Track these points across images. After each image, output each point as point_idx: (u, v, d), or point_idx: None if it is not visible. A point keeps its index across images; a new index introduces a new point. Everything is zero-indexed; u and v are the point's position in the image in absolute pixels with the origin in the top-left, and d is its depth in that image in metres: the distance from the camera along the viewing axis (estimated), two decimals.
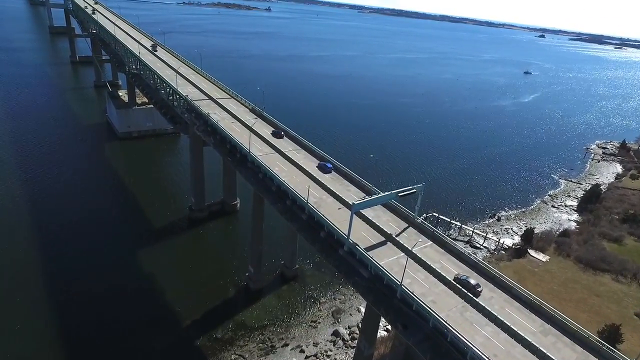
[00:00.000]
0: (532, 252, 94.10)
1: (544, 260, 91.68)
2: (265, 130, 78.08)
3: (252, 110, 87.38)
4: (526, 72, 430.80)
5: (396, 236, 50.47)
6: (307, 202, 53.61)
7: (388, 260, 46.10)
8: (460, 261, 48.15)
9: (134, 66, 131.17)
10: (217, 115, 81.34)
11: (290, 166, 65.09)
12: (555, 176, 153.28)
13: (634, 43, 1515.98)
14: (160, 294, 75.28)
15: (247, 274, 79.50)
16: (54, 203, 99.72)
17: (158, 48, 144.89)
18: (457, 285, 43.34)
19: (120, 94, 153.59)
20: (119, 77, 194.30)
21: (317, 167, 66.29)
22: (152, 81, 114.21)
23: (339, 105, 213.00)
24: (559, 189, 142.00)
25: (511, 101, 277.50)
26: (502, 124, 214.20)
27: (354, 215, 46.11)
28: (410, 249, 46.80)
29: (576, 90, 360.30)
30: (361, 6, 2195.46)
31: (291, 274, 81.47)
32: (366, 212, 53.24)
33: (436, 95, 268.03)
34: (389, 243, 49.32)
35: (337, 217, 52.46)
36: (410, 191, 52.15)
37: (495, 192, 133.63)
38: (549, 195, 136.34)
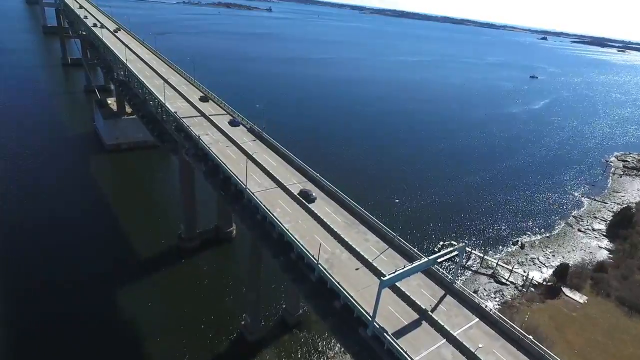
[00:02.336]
0: (566, 290, 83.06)
1: (581, 301, 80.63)
2: (266, 157, 66.83)
3: (251, 130, 76.09)
4: (532, 77, 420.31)
5: (432, 311, 39.30)
6: (318, 261, 42.45)
7: (426, 353, 34.95)
8: (525, 354, 36.39)
9: (122, 72, 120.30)
10: (209, 137, 70.11)
11: (297, 207, 53.84)
12: (576, 194, 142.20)
13: (636, 46, 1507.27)
14: (141, 344, 64.20)
15: (242, 322, 68.35)
16: (24, 227, 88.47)
17: (147, 54, 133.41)
18: None
19: (109, 101, 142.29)
20: (111, 83, 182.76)
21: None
22: (140, 90, 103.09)
23: (344, 114, 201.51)
24: (582, 209, 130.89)
25: (521, 108, 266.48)
26: (514, 135, 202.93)
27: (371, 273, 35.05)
28: (454, 334, 35.68)
29: (586, 96, 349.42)
30: (362, 7, 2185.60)
31: (294, 320, 70.34)
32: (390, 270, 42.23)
33: (444, 101, 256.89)
34: (424, 323, 38.14)
35: (355, 282, 41.44)
36: (452, 254, 41.07)
37: (515, 213, 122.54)
38: (573, 216, 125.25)
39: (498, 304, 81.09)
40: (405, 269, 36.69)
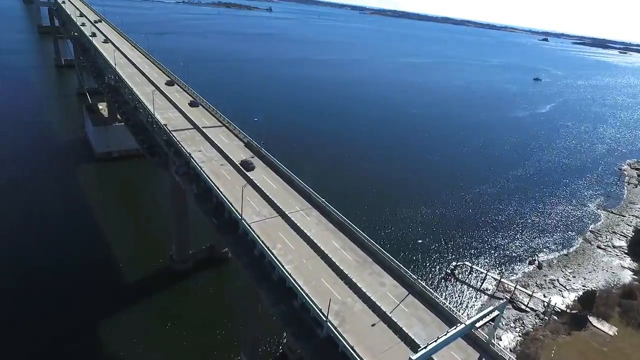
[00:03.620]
0: (593, 320, 75.96)
1: (610, 333, 73.53)
2: (264, 177, 59.59)
3: (248, 146, 68.78)
4: (536, 79, 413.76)
5: None
6: (327, 318, 35.26)
7: None
8: None
9: (112, 77, 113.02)
10: (202, 154, 62.87)
11: (301, 242, 46.63)
12: (591, 206, 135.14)
13: (636, 47, 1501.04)
14: None
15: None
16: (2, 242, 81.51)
17: (139, 57, 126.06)
18: None
19: (101, 107, 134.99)
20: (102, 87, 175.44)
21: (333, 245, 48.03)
22: (130, 97, 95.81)
23: (346, 119, 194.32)
24: (600, 223, 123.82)
25: (527, 112, 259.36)
26: (521, 140, 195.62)
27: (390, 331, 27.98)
28: None
29: (592, 100, 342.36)
30: (362, 7, 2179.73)
31: (295, 357, 63.15)
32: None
33: (448, 105, 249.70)
34: None
35: (371, 343, 34.32)
36: (491, 316, 33.95)
37: (528, 227, 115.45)
38: (590, 231, 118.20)
39: (520, 336, 74.00)
40: (439, 341, 29.51)
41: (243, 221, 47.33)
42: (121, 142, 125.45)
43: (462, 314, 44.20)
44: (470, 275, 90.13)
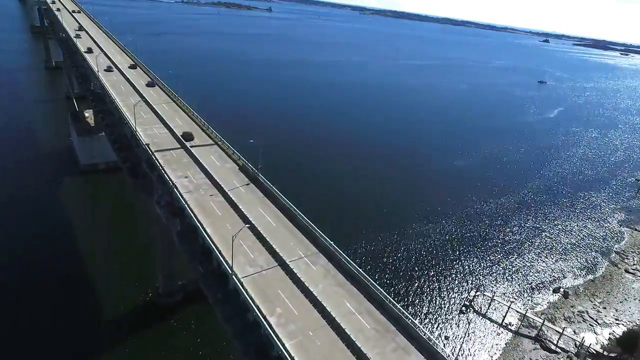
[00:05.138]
0: None
1: None
2: (261, 211, 50.31)
3: (243, 170, 59.49)
4: (540, 82, 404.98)
5: None
6: None
7: None
8: None
9: (97, 83, 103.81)
10: (188, 181, 53.68)
11: (306, 304, 37.41)
12: (613, 222, 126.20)
13: (636, 49, 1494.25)
14: None
15: None
16: None
17: (126, 63, 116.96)
18: None
19: (87, 114, 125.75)
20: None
21: None
22: (114, 107, 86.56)
23: (351, 128, 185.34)
24: (624, 243, 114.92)
25: (535, 117, 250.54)
26: (533, 149, 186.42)
27: None
28: None
29: (601, 104, 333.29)
30: (362, 7, 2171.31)
31: None
32: None
33: (454, 111, 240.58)
34: None
35: None
36: None
37: (547, 247, 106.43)
38: (615, 252, 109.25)
39: None
40: None
41: (234, 277, 38.15)
42: (108, 154, 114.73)
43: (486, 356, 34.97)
44: (490, 308, 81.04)
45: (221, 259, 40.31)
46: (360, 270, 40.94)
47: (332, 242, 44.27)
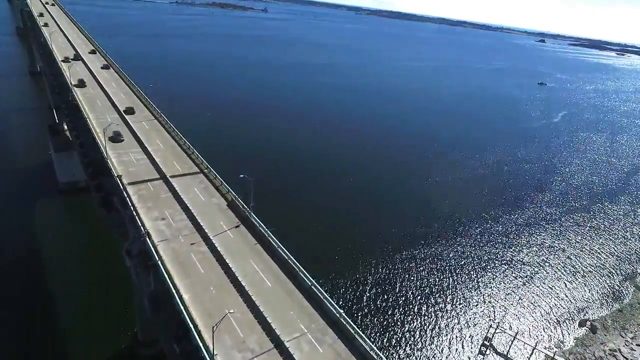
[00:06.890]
0: None
1: None
2: (253, 264, 41.06)
3: (232, 206, 50.23)
4: (541, 83, 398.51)
5: None
6: None
7: None
8: None
9: (77, 95, 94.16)
10: (166, 225, 44.38)
11: None
12: (634, 242, 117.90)
13: (632, 49, 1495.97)
14: None
15: None
16: None
17: (106, 73, 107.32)
18: None
19: (66, 127, 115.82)
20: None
21: None
22: (89, 126, 77.05)
23: (353, 140, 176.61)
24: None
25: (540, 122, 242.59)
26: (540, 157, 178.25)
27: None
28: None
29: (604, 106, 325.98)
30: (358, 7, 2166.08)
31: None
32: None
33: (455, 116, 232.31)
34: None
35: None
36: None
37: (568, 272, 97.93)
38: None
39: None
40: None
41: None
42: None
43: None
44: (512, 347, 72.25)
45: (199, 342, 31.05)
46: (381, 355, 31.79)
47: (342, 312, 35.13)
